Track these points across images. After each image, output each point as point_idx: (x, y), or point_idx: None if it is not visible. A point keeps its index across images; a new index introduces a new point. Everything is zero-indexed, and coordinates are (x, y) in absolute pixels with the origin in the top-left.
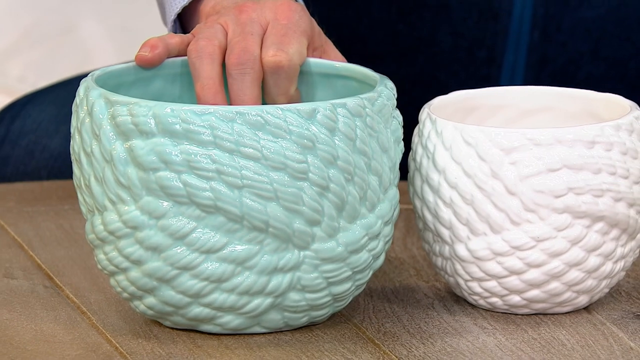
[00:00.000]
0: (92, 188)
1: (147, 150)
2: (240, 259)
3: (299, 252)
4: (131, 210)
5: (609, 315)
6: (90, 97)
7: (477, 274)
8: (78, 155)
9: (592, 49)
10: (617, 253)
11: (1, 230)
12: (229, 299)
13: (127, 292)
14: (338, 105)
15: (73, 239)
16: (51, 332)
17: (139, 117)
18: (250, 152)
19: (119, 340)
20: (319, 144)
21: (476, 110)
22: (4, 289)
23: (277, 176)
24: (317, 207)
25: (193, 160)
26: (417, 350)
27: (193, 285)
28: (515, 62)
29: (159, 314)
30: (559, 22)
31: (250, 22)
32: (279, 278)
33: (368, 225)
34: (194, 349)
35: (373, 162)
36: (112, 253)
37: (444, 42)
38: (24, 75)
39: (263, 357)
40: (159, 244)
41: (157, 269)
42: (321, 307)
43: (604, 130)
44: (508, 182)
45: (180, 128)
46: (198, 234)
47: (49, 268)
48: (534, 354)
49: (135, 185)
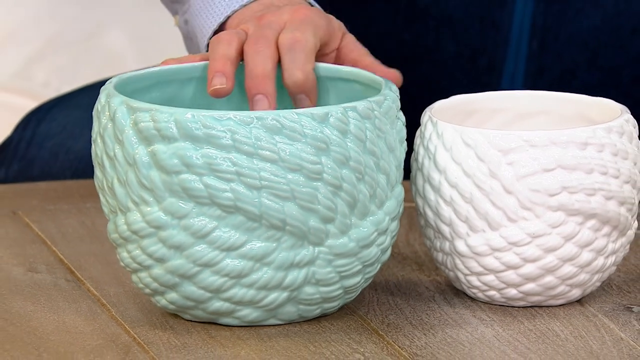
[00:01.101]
0: (115, 190)
1: (169, 154)
2: (259, 255)
3: (314, 248)
4: (154, 211)
5: (601, 307)
6: (112, 103)
7: (476, 268)
8: (101, 159)
9: (588, 58)
10: (608, 249)
11: (26, 227)
12: (248, 294)
13: (149, 288)
14: (349, 108)
15: (94, 235)
16: (73, 323)
17: (161, 122)
18: (268, 155)
19: (137, 331)
20: (332, 146)
21: (475, 113)
22: (28, 282)
23: (293, 177)
24: (331, 205)
25: (214, 163)
26: (419, 341)
27: (214, 281)
28: (514, 70)
29: (180, 308)
30: (556, 32)
31: (268, 23)
32: (295, 273)
33: (377, 221)
34: (208, 340)
35: (381, 161)
36: (136, 251)
37: (447, 51)
38: (48, 80)
39: (273, 347)
40: (181, 243)
41: (179, 266)
42: (333, 300)
43: (596, 132)
44: (505, 182)
45: (201, 133)
46: (219, 233)
47: (71, 263)
48: (530, 344)
49: (159, 187)
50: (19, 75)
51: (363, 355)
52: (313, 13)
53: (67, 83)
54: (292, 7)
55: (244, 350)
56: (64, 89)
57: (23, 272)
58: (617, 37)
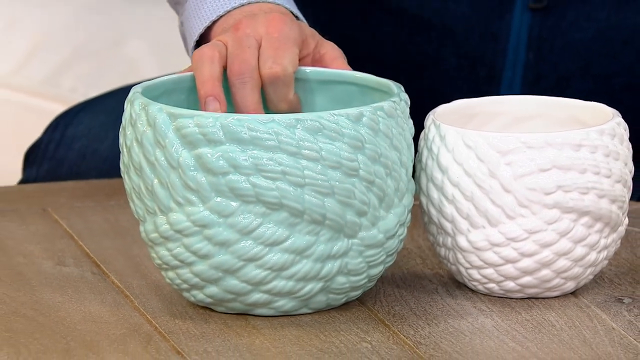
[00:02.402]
0: (156, 192)
1: (216, 157)
2: (300, 249)
3: (348, 241)
4: (200, 210)
5: (594, 299)
6: (151, 110)
7: (477, 262)
8: (139, 164)
9: (581, 67)
10: (600, 244)
11: (55, 223)
12: (287, 285)
13: (188, 283)
14: (378, 108)
15: (117, 231)
16: (98, 314)
17: (206, 127)
18: (310, 154)
19: (158, 321)
20: (367, 144)
21: (475, 116)
22: (57, 275)
23: (333, 174)
24: (365, 199)
25: (260, 164)
26: (422, 330)
27: (257, 274)
28: (512, 79)
29: (217, 302)
30: (551, 44)
31: (246, 37)
32: (331, 264)
33: (400, 213)
34: (225, 329)
35: (403, 157)
36: (178, 249)
37: (449, 61)
38: (75, 86)
39: (286, 336)
40: (227, 240)
41: (224, 261)
42: (358, 288)
43: (589, 134)
44: (504, 181)
45: (247, 135)
46: (263, 229)
47: (97, 257)
48: (527, 334)
49: (205, 188)
50: (48, 81)
51: (370, 344)
52: (286, 26)
53: (92, 88)
54: (266, 18)
55: (259, 339)
56: (90, 94)
57: (52, 266)
58: (610, 48)
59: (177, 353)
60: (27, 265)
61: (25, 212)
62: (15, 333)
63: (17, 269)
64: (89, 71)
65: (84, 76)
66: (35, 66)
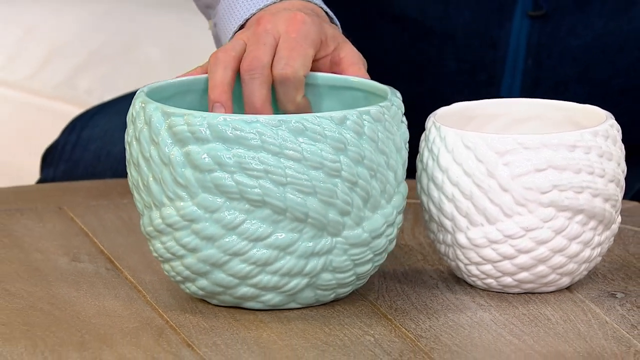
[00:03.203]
0: (150, 187)
1: (202, 154)
2: (283, 245)
3: (332, 239)
4: (188, 205)
5: (588, 294)
6: (148, 109)
7: (475, 258)
8: (137, 160)
9: (579, 72)
10: (594, 241)
11: (70, 221)
12: (272, 280)
13: (181, 275)
14: (363, 112)
15: (131, 228)
16: (112, 308)
17: (194, 126)
18: (293, 154)
19: (169, 315)
20: (350, 146)
21: (474, 119)
22: (72, 271)
23: (315, 174)
24: (348, 200)
25: (244, 162)
26: (423, 324)
27: (242, 268)
28: (512, 84)
29: (209, 294)
30: (549, 50)
31: (264, 34)
32: (315, 261)
33: (387, 214)
34: (233, 323)
35: (391, 160)
36: (170, 243)
37: (449, 66)
38: (91, 88)
39: (292, 329)
40: (213, 234)
41: (211, 255)
42: (346, 285)
43: (583, 136)
44: (502, 181)
45: (232, 135)
46: (247, 225)
47: (111, 253)
48: (524, 327)
49: (192, 184)
50: (66, 84)
51: (373, 337)
52: (305, 26)
53: (108, 91)
54: (288, 15)
55: (266, 332)
56: (105, 97)
57: (67, 262)
58: (606, 54)
59: (188, 346)
60: (44, 262)
61: (42, 210)
62: (33, 326)
63: (34, 265)
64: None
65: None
66: (52, 70)
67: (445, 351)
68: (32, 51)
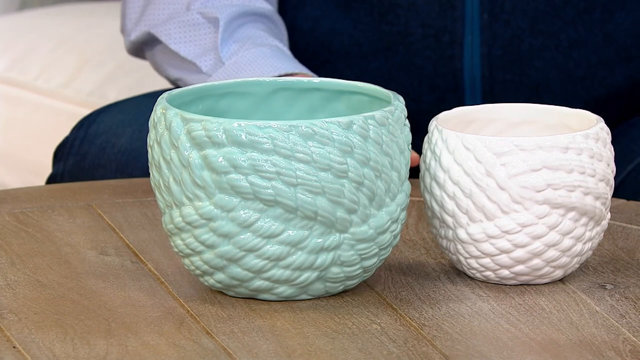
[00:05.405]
0: (171, 188)
1: (219, 158)
2: (295, 242)
3: (340, 235)
4: (206, 205)
5: (580, 285)
6: (168, 115)
7: (475, 252)
8: (158, 162)
9: (530, 24)
10: (585, 236)
11: (98, 217)
12: (285, 274)
13: (200, 269)
14: (369, 117)
15: (154, 224)
16: (136, 298)
17: (211, 131)
18: (303, 157)
19: (190, 305)
20: (356, 149)
21: (474, 122)
22: (99, 264)
23: (323, 175)
24: (354, 199)
25: (257, 165)
26: (426, 314)
27: (256, 263)
28: (472, 41)
29: (226, 287)
30: (501, 3)
31: None
32: (324, 256)
33: (391, 212)
34: (249, 312)
35: (394, 161)
36: (189, 239)
37: (416, 33)
38: (119, 97)
39: (304, 318)
40: (229, 232)
41: (227, 251)
42: (354, 278)
43: (575, 138)
44: (499, 180)
45: (246, 139)
46: (261, 223)
47: (136, 247)
48: (520, 316)
49: (210, 185)
50: (95, 93)
51: (379, 326)
52: None
53: None
54: None
55: (280, 321)
56: None
57: (95, 255)
58: (552, 5)
59: (207, 333)
60: (74, 255)
61: (72, 207)
62: (63, 315)
63: (65, 258)
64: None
65: (126, 88)
66: (84, 80)
67: (446, 339)
68: (65, 62)
